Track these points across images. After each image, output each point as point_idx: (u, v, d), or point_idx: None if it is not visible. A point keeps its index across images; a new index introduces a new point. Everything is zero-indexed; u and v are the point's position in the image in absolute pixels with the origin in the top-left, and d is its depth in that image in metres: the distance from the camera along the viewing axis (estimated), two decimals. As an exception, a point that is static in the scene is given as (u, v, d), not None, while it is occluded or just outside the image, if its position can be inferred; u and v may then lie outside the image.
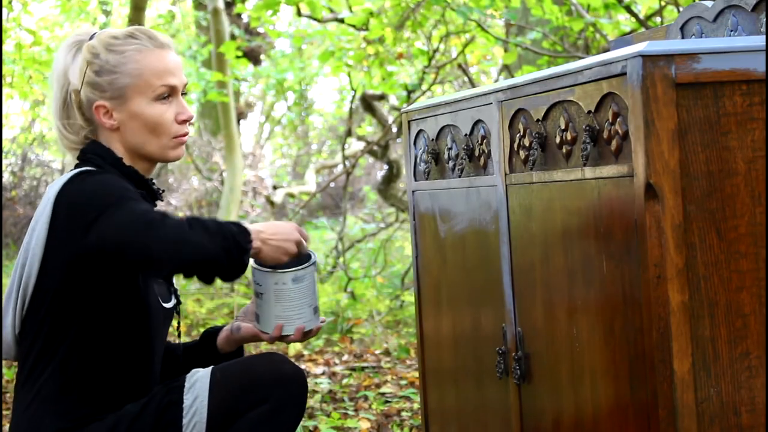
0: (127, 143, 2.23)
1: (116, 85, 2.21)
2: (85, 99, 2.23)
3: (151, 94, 2.21)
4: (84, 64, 2.22)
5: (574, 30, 6.02)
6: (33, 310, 2.15)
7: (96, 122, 2.24)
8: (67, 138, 2.28)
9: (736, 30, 2.31)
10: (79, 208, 2.07)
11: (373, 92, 8.24)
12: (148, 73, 2.21)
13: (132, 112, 2.21)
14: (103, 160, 2.22)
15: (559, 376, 2.11)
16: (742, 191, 1.81)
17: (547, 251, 2.14)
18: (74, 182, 2.13)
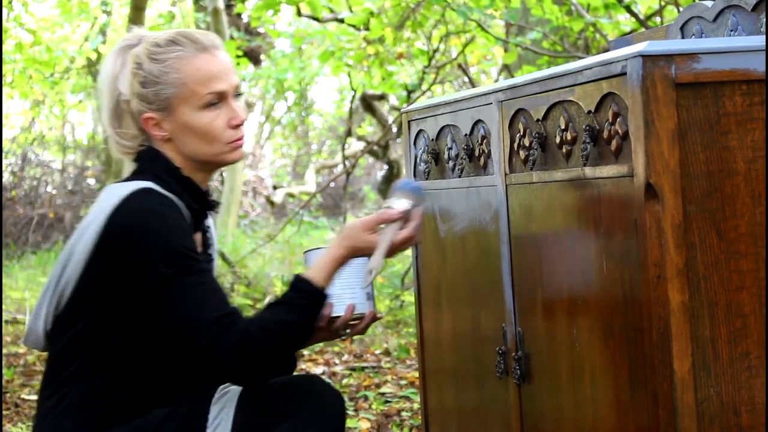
0: (181, 152, 2.16)
1: (161, 96, 2.14)
2: (135, 110, 2.16)
3: (198, 103, 2.14)
4: (130, 75, 2.16)
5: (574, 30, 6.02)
6: (68, 314, 2.11)
7: (148, 133, 2.18)
8: (120, 144, 2.21)
9: (736, 30, 2.31)
10: (137, 248, 2.02)
11: (373, 92, 8.24)
12: (192, 81, 2.13)
13: (180, 123, 2.14)
14: (164, 171, 2.15)
15: (559, 376, 2.11)
16: (742, 191, 1.81)
17: (547, 251, 2.14)
18: (133, 204, 2.06)
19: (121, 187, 2.09)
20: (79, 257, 2.08)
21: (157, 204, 2.06)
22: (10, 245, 11.80)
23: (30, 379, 5.26)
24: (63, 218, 12.79)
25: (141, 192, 2.07)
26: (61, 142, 13.99)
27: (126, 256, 2.03)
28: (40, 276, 9.60)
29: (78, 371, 2.10)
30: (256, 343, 1.99)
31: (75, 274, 2.08)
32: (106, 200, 2.08)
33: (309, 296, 2.06)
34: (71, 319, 2.10)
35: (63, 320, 2.12)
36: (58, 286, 2.11)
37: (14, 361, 5.73)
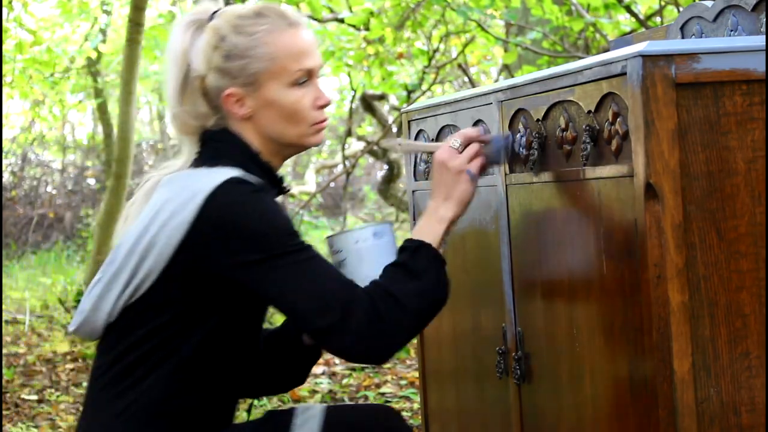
0: (262, 133, 2.04)
1: (248, 70, 2.00)
2: (213, 86, 2.02)
3: (288, 80, 2.01)
4: (209, 48, 2.01)
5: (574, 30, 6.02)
6: (142, 307, 1.97)
7: (225, 111, 2.04)
8: (186, 124, 2.06)
9: (736, 30, 2.31)
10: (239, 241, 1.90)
11: (373, 92, 8.24)
12: (283, 56, 2.01)
13: (268, 100, 2.01)
14: (244, 156, 2.02)
15: (559, 376, 2.11)
16: (742, 191, 1.81)
17: (547, 251, 2.14)
18: (228, 193, 1.93)
19: (205, 175, 1.96)
20: (164, 249, 1.93)
21: (250, 193, 1.94)
22: (11, 245, 11.80)
23: (30, 379, 5.26)
24: (63, 218, 12.80)
25: (232, 182, 1.94)
26: (61, 142, 13.99)
27: (224, 249, 1.91)
28: (40, 276, 9.60)
29: (152, 371, 1.96)
30: (386, 314, 1.89)
31: (159, 266, 1.94)
32: (189, 189, 1.95)
33: (433, 263, 1.97)
34: (146, 313, 1.97)
35: (135, 313, 1.98)
36: (134, 277, 1.96)
37: (14, 361, 5.74)
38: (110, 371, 1.98)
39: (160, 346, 1.96)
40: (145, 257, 1.95)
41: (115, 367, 1.98)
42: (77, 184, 13.38)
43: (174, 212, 1.93)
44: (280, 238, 1.91)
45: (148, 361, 1.96)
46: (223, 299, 1.96)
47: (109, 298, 1.98)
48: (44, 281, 9.12)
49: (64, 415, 4.59)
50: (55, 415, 4.60)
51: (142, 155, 13.59)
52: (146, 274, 1.95)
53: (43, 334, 6.72)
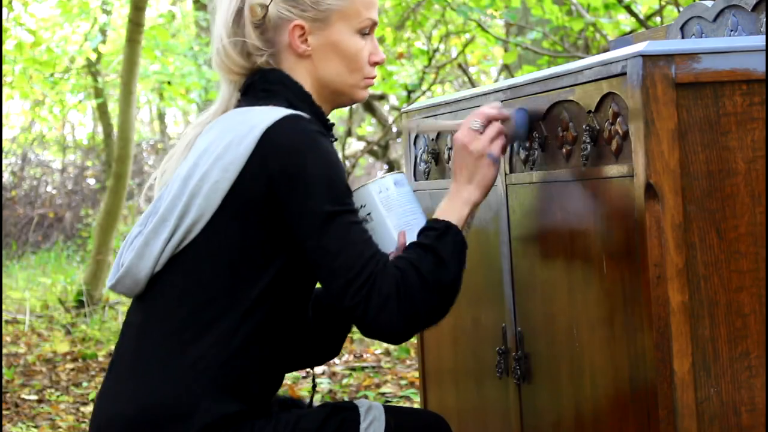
0: (317, 74, 1.96)
1: (322, 5, 1.93)
2: (276, 16, 1.94)
3: (357, 25, 1.95)
4: None
5: (574, 30, 6.02)
6: (194, 253, 1.86)
7: (282, 45, 1.95)
8: (232, 59, 1.97)
9: (736, 30, 2.31)
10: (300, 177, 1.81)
11: (373, 92, 8.24)
12: (359, 0, 1.96)
13: (332, 40, 1.95)
14: (294, 96, 1.94)
15: (559, 375, 2.11)
16: (742, 191, 1.81)
17: (547, 251, 2.14)
18: (290, 127, 1.84)
19: (261, 112, 1.87)
20: (218, 184, 1.83)
21: (314, 132, 1.86)
22: (11, 245, 11.80)
23: (30, 379, 5.26)
24: (63, 218, 12.80)
25: (294, 117, 1.86)
26: (61, 142, 13.99)
27: (284, 185, 1.83)
28: (40, 276, 9.60)
29: (213, 326, 1.84)
30: (414, 293, 1.84)
31: (213, 204, 1.83)
32: (245, 124, 1.85)
33: (459, 247, 1.92)
34: (199, 260, 1.86)
35: (186, 260, 1.86)
36: (184, 217, 1.85)
37: (14, 361, 5.74)
38: (162, 325, 1.87)
39: (220, 295, 1.85)
40: (195, 195, 1.85)
41: (167, 322, 1.86)
42: (77, 184, 13.38)
43: (229, 145, 1.84)
44: (340, 193, 1.84)
45: (208, 311, 1.85)
46: (280, 245, 1.86)
47: (156, 245, 1.86)
48: (44, 281, 9.12)
49: (64, 415, 4.59)
50: (55, 415, 4.60)
51: (142, 155, 13.60)
52: (199, 213, 1.84)
53: (43, 334, 6.72)
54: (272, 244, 1.86)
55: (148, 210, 1.94)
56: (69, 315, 7.20)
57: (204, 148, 1.88)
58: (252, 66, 1.97)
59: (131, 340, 1.91)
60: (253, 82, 1.97)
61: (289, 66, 1.97)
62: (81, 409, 4.66)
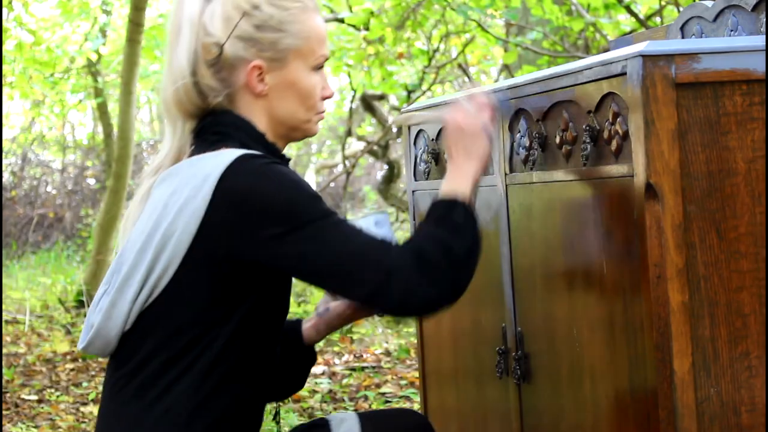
0: (273, 112, 1.95)
1: (280, 45, 1.92)
2: (233, 55, 1.91)
3: (312, 62, 1.95)
4: (236, 15, 1.90)
5: (574, 30, 6.02)
6: (161, 307, 1.86)
7: (238, 84, 1.93)
8: (190, 100, 1.94)
9: (736, 30, 2.31)
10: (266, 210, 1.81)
11: (373, 92, 8.24)
12: (314, 38, 1.94)
13: (289, 79, 1.93)
14: (247, 136, 1.92)
15: (559, 376, 2.11)
16: (742, 191, 1.81)
17: (547, 251, 2.14)
18: (242, 169, 1.83)
19: (212, 158, 1.86)
20: (181, 237, 1.83)
21: (266, 164, 1.85)
22: (11, 245, 11.81)
23: (30, 379, 5.26)
24: (63, 218, 12.80)
25: (245, 157, 1.85)
26: (61, 142, 14.00)
27: (249, 227, 1.81)
28: (40, 276, 9.60)
29: (184, 374, 1.84)
30: (436, 257, 1.81)
31: (177, 257, 1.83)
32: (198, 175, 1.85)
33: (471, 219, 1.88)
34: (167, 312, 1.85)
35: (154, 315, 1.86)
36: (150, 274, 1.85)
37: (14, 361, 5.74)
38: (134, 381, 1.87)
39: (188, 346, 1.85)
40: (161, 251, 1.84)
41: (138, 377, 1.86)
42: (77, 184, 13.38)
43: (187, 199, 1.83)
44: (306, 205, 1.83)
45: (178, 363, 1.85)
46: (251, 284, 1.86)
47: (123, 304, 1.87)
48: (44, 281, 9.12)
49: (64, 415, 4.59)
50: (55, 415, 4.60)
51: (142, 155, 13.59)
52: (164, 268, 1.84)
53: (43, 334, 6.72)
54: (238, 290, 1.86)
55: (112, 267, 1.93)
56: (69, 315, 7.20)
57: (163, 202, 1.87)
58: (206, 107, 1.94)
59: (107, 400, 1.93)
60: (205, 126, 1.95)
61: (245, 105, 1.95)
62: (81, 409, 4.66)
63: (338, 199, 14.39)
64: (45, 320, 7.26)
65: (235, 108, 1.95)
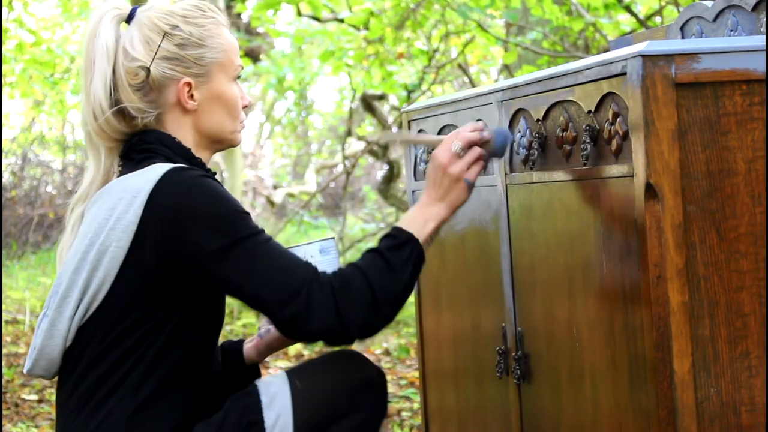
0: (201, 127, 2.00)
1: (204, 60, 1.98)
2: (160, 76, 1.96)
3: (232, 73, 2.02)
4: (157, 36, 1.95)
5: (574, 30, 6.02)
6: (99, 321, 1.90)
7: (167, 104, 1.98)
8: (113, 128, 1.97)
9: (736, 30, 2.31)
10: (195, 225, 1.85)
11: (373, 92, 8.24)
12: (230, 49, 2.01)
13: (215, 92, 1.99)
14: (173, 152, 1.96)
15: (559, 376, 2.11)
16: (742, 191, 1.81)
17: (547, 251, 2.14)
18: (171, 182, 1.87)
19: (141, 174, 1.90)
20: (115, 253, 1.87)
21: (198, 177, 1.89)
22: (11, 245, 11.81)
23: (30, 379, 5.26)
24: (63, 218, 12.80)
25: (171, 171, 1.89)
26: (61, 142, 14.00)
27: (181, 238, 1.85)
28: (40, 276, 9.60)
29: (121, 382, 1.89)
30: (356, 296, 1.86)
31: (112, 272, 1.88)
32: (128, 191, 1.89)
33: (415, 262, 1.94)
34: (104, 325, 1.90)
35: (91, 329, 1.91)
36: (86, 291, 1.89)
37: (14, 361, 5.73)
38: (75, 395, 1.92)
39: (122, 358, 1.89)
40: (96, 267, 1.88)
41: (80, 389, 1.92)
42: (77, 184, 13.37)
43: (119, 215, 1.87)
44: (237, 222, 1.87)
45: (113, 374, 1.89)
46: (181, 295, 1.90)
47: (62, 322, 1.91)
48: (44, 281, 9.12)
49: (64, 415, 4.59)
50: (55, 414, 4.60)
51: (142, 155, 13.55)
52: (99, 284, 1.88)
53: (43, 334, 6.72)
54: (170, 300, 1.90)
55: (51, 291, 1.96)
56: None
57: (96, 222, 1.90)
58: (132, 130, 1.99)
59: (57, 416, 1.99)
60: (131, 146, 1.98)
61: (172, 122, 1.99)
62: (81, 409, 4.66)
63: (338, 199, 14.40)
64: (45, 320, 7.26)
65: (161, 126, 1.99)
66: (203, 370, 1.99)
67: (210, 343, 2.00)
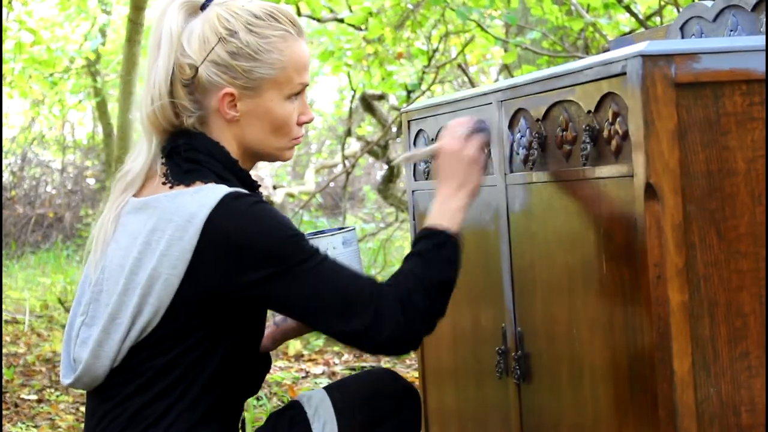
0: (243, 139, 1.94)
1: (254, 74, 1.90)
2: (206, 79, 1.89)
3: (288, 92, 1.93)
4: (213, 38, 1.88)
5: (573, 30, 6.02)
6: (152, 344, 1.87)
7: (210, 108, 1.92)
8: (166, 119, 1.92)
9: (735, 30, 2.31)
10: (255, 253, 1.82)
11: (373, 92, 8.23)
12: (292, 67, 1.92)
13: (262, 108, 1.92)
14: (221, 165, 1.91)
15: (559, 375, 2.11)
16: (742, 191, 1.81)
17: (547, 251, 2.14)
18: (227, 211, 1.83)
19: (192, 195, 1.85)
20: (169, 280, 1.83)
21: (252, 205, 1.85)
22: (10, 245, 11.80)
23: (29, 379, 5.26)
24: (63, 218, 12.80)
25: (230, 197, 1.84)
26: (60, 142, 14.00)
27: (238, 270, 1.82)
28: (40, 276, 9.60)
29: (173, 406, 1.87)
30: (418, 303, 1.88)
31: (167, 299, 1.83)
32: (181, 214, 1.84)
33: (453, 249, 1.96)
34: (156, 348, 1.87)
35: (143, 351, 1.87)
36: (139, 315, 1.85)
37: (14, 361, 5.73)
38: (123, 415, 1.88)
39: (177, 380, 1.86)
40: (147, 293, 1.84)
41: (128, 411, 1.88)
42: (77, 184, 13.38)
43: (171, 240, 1.83)
44: (293, 247, 1.84)
45: (167, 396, 1.86)
46: (236, 319, 1.89)
47: (112, 344, 1.87)
48: (44, 281, 9.12)
49: (64, 414, 4.59)
50: (54, 414, 4.60)
51: (142, 155, 13.55)
52: (153, 311, 1.84)
53: (43, 334, 6.72)
54: (224, 325, 1.88)
55: (87, 296, 1.92)
56: (68, 315, 7.18)
57: (143, 238, 1.86)
58: (180, 125, 1.93)
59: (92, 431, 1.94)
60: (178, 146, 1.93)
61: (217, 129, 1.94)
62: (80, 409, 4.66)
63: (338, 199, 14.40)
64: (44, 320, 7.26)
65: (207, 130, 1.94)
66: (245, 386, 1.99)
67: (256, 353, 2.00)
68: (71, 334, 1.94)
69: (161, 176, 1.93)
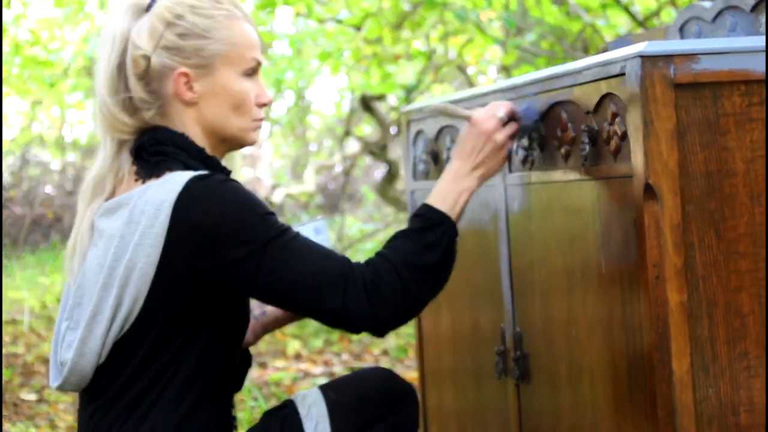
0: (205, 121, 1.94)
1: (205, 51, 1.92)
2: (159, 65, 1.91)
3: (241, 68, 1.95)
4: (161, 26, 1.91)
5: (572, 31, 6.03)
6: (135, 336, 1.87)
7: (168, 95, 1.93)
8: (117, 119, 1.93)
9: (734, 31, 2.31)
10: (225, 234, 1.82)
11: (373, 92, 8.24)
12: (241, 43, 1.94)
13: (218, 85, 1.93)
14: (186, 154, 1.92)
15: (558, 376, 2.12)
16: (740, 191, 1.81)
17: (546, 251, 2.14)
18: (194, 194, 1.84)
19: (160, 185, 1.86)
20: (145, 269, 1.84)
21: (219, 184, 1.86)
22: (9, 245, 11.80)
23: (29, 379, 5.26)
24: (62, 218, 12.80)
25: (194, 180, 1.85)
26: (59, 143, 13.99)
27: (211, 251, 1.83)
28: (39, 276, 9.60)
29: (162, 394, 1.88)
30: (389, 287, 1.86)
31: (144, 288, 1.85)
32: (150, 204, 1.85)
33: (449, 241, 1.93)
34: (139, 339, 1.87)
35: (127, 343, 1.88)
36: (119, 308, 1.86)
37: (13, 361, 5.73)
38: (112, 410, 1.90)
39: (163, 370, 1.87)
40: (125, 285, 1.85)
41: (117, 404, 1.89)
42: (76, 184, 13.38)
43: (144, 230, 1.84)
44: (263, 224, 1.85)
45: (156, 385, 1.88)
46: (217, 301, 1.89)
47: (95, 341, 1.88)
48: (43, 281, 9.12)
49: (63, 414, 4.59)
50: (54, 414, 4.60)
51: (141, 155, 13.55)
52: (132, 301, 1.86)
53: (42, 334, 6.72)
54: (205, 309, 1.88)
55: (71, 302, 1.94)
56: (67, 316, 7.17)
57: (119, 234, 1.87)
58: (140, 123, 1.94)
59: (86, 430, 1.95)
60: (143, 144, 1.94)
61: (177, 117, 1.94)
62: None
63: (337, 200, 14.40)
64: (44, 320, 7.26)
65: (169, 122, 1.95)
66: (233, 375, 1.99)
67: (240, 339, 1.99)
68: (57, 339, 1.96)
69: (133, 175, 1.95)
